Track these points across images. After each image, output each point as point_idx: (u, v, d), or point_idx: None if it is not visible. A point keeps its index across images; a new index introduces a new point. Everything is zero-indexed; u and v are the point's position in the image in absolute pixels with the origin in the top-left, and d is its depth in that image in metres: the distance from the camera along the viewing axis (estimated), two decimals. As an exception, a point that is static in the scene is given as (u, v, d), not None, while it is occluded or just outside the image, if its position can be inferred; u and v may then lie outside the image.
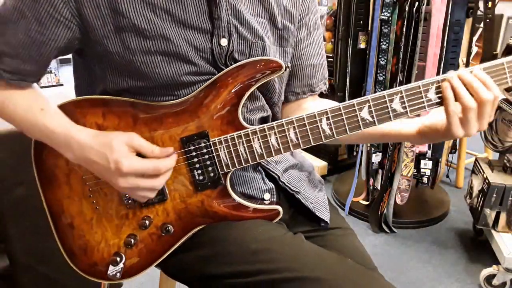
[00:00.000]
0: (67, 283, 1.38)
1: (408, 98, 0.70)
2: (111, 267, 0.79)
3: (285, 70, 0.75)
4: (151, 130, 0.75)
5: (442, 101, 0.70)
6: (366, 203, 2.32)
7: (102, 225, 0.79)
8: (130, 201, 0.78)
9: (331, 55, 2.47)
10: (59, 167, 0.78)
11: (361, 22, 2.10)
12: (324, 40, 2.60)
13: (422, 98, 0.70)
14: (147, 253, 0.79)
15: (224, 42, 0.74)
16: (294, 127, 0.72)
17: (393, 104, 0.70)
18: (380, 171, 2.17)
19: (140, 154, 0.71)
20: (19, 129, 0.77)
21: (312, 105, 0.92)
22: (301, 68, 0.88)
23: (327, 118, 0.71)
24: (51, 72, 4.82)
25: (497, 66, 0.69)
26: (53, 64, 4.79)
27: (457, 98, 0.69)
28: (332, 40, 2.44)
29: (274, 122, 0.73)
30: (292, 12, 0.83)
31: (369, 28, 2.07)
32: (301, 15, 0.85)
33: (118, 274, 0.79)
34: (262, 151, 0.74)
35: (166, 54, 0.72)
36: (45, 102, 0.76)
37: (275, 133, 0.73)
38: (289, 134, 0.73)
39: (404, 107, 0.70)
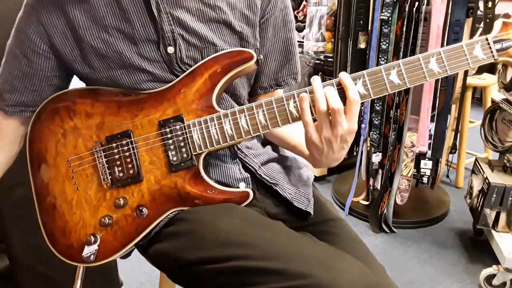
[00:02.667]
0: (66, 283, 1.38)
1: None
2: (86, 248, 0.82)
3: (257, 61, 0.81)
4: (132, 116, 0.82)
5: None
6: (366, 203, 2.32)
7: (81, 206, 0.83)
8: (108, 179, 0.82)
9: (331, 55, 2.47)
10: (49, 150, 0.85)
11: (361, 22, 2.10)
12: (324, 40, 2.60)
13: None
14: (121, 235, 0.82)
15: (171, 50, 0.81)
16: (263, 110, 0.77)
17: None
18: (380, 171, 2.16)
19: None
20: None
21: None
22: (267, 65, 0.93)
23: (294, 101, 0.76)
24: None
25: (457, 48, 0.74)
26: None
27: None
28: (332, 40, 2.44)
29: (244, 106, 0.78)
30: (249, 15, 0.86)
31: (369, 28, 2.07)
32: (264, 16, 0.88)
33: (92, 256, 0.82)
34: (232, 132, 0.79)
35: (124, 67, 0.82)
36: None
37: (245, 115, 0.78)
38: (258, 116, 0.77)
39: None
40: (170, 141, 0.80)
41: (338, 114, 0.71)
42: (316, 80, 0.74)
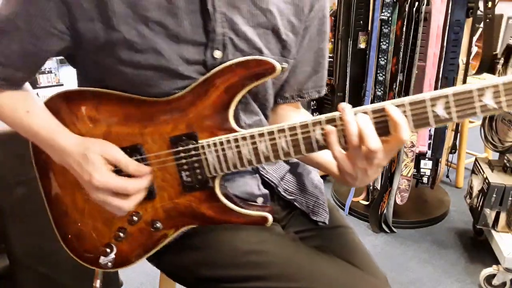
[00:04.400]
0: (66, 283, 1.38)
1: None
2: (102, 258, 0.80)
3: (282, 71, 0.70)
4: (141, 127, 0.74)
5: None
6: (366, 203, 2.32)
7: (93, 216, 0.80)
8: None
9: (331, 55, 2.47)
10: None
11: (361, 22, 2.10)
12: (324, 40, 2.60)
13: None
14: (138, 247, 0.80)
15: (218, 54, 0.72)
16: (285, 135, 0.67)
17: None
18: (380, 171, 2.16)
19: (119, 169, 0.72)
20: (12, 128, 0.79)
21: (293, 115, 0.90)
22: (294, 74, 0.86)
23: (322, 128, 0.65)
24: (51, 72, 4.84)
25: (467, 93, 0.59)
26: (53, 64, 4.80)
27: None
28: (332, 40, 2.44)
29: (265, 128, 0.68)
30: (295, 23, 0.80)
31: (369, 28, 2.07)
32: (307, 25, 0.82)
33: (110, 263, 0.81)
34: (251, 157, 0.70)
35: (157, 68, 0.71)
36: (32, 104, 0.77)
37: (265, 140, 0.68)
38: (280, 141, 0.68)
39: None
40: (183, 161, 0.73)
41: (376, 153, 0.61)
42: (346, 109, 0.61)
